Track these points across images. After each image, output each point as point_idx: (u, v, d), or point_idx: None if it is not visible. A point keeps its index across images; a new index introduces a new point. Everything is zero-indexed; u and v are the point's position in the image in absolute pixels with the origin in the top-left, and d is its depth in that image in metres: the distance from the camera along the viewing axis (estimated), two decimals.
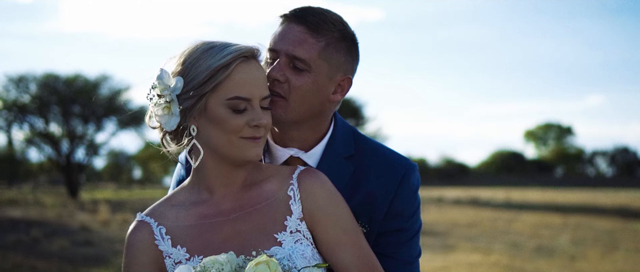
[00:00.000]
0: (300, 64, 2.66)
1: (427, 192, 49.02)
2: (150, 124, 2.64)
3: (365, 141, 2.91)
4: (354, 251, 2.59)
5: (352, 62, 2.79)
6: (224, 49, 2.51)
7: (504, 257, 16.31)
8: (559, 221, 26.20)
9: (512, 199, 41.45)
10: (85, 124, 44.43)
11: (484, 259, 15.90)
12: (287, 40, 2.69)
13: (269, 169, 2.71)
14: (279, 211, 2.60)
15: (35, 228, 21.18)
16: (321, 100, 2.73)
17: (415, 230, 2.86)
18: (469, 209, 32.69)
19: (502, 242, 19.42)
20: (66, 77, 43.64)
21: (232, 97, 2.50)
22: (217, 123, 2.52)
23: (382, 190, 2.78)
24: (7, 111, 42.90)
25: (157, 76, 2.53)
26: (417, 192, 2.87)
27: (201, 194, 2.65)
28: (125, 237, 2.67)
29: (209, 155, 2.59)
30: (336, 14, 2.75)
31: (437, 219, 27.06)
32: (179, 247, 2.58)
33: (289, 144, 2.82)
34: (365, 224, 2.77)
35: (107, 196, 45.20)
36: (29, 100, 42.98)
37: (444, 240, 19.77)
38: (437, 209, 32.95)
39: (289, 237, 2.55)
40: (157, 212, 2.66)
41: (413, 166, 2.85)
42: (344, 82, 2.78)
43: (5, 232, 20.14)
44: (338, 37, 2.71)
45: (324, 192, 2.62)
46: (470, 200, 40.49)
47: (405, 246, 2.82)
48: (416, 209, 2.85)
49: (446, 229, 22.92)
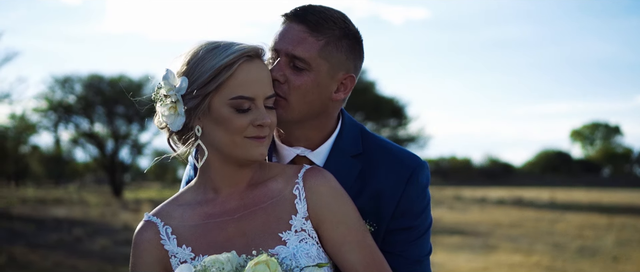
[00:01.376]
0: (300, 63, 2.65)
1: (470, 192, 48.71)
2: (157, 124, 2.65)
3: (373, 139, 2.88)
4: (360, 250, 2.58)
5: (354, 59, 2.76)
6: (228, 49, 2.51)
7: (546, 258, 16.12)
8: (603, 222, 25.80)
9: (556, 199, 40.96)
10: (129, 124, 44.85)
11: (524, 260, 15.72)
12: (286, 39, 2.68)
13: (275, 168, 2.70)
14: (284, 210, 2.59)
15: (77, 227, 21.42)
16: (323, 99, 2.71)
17: (425, 228, 2.83)
18: (513, 210, 32.36)
19: (545, 243, 19.19)
20: (110, 78, 44.08)
21: (236, 96, 2.49)
22: (221, 123, 2.51)
23: (390, 188, 2.76)
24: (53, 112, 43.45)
25: (163, 76, 2.54)
26: (426, 190, 2.84)
27: (207, 193, 2.66)
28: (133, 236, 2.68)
29: (214, 155, 2.59)
30: (338, 12, 2.73)
31: (480, 219, 26.82)
32: (184, 247, 2.59)
33: (295, 144, 2.81)
34: (373, 223, 2.75)
35: (151, 195, 45.52)
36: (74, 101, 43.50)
37: (485, 240, 19.59)
38: (479, 209, 32.69)
39: (293, 237, 2.54)
40: (163, 212, 2.67)
41: (422, 163, 2.82)
42: (346, 80, 2.75)
43: (48, 232, 20.39)
44: (339, 35, 2.69)
45: (329, 191, 2.60)
46: (514, 200, 40.09)
47: (414, 244, 2.79)
48: (425, 207, 2.82)
49: (488, 230, 22.69)
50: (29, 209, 28.64)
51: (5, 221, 22.36)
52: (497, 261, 15.56)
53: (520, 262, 15.38)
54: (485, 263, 15.26)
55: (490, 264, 15.17)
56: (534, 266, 14.89)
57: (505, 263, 15.29)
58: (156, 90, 2.57)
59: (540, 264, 15.16)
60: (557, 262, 15.47)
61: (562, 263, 15.30)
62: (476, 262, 15.31)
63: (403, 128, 55.39)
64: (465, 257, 16.15)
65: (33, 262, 14.66)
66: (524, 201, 39.95)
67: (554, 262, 15.46)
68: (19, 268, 13.92)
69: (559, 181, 75.93)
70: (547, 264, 15.15)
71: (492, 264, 15.09)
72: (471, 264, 15.08)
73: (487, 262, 15.35)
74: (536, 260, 15.74)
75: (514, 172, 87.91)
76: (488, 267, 14.75)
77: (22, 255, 15.60)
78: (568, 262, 15.41)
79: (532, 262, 15.44)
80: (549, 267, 14.65)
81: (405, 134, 55.56)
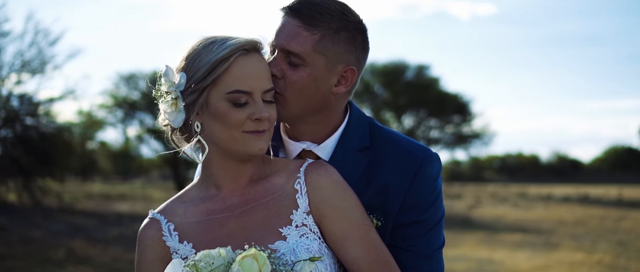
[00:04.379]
0: (295, 58, 2.61)
1: (536, 190, 48.02)
2: (160, 122, 2.65)
3: (382, 132, 2.81)
4: (362, 244, 2.53)
5: (355, 52, 2.69)
6: (224, 43, 2.49)
7: (608, 256, 15.79)
8: None
9: (624, 197, 40.11)
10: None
11: (586, 258, 15.43)
12: (282, 34, 2.64)
13: (278, 163, 2.67)
14: (285, 204, 2.56)
15: (138, 222, 21.57)
16: (322, 93, 2.66)
17: (435, 222, 2.75)
18: (578, 207, 31.82)
19: (608, 241, 18.80)
20: None
21: (232, 90, 2.48)
22: (218, 118, 2.50)
23: (397, 181, 2.69)
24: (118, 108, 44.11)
25: (163, 73, 2.54)
26: (437, 183, 2.75)
27: (209, 190, 2.65)
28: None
29: (214, 151, 2.58)
30: (337, 3, 2.67)
31: (543, 217, 26.43)
32: (186, 243, 2.58)
33: (301, 138, 2.77)
34: (380, 217, 2.68)
35: None
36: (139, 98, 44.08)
37: (547, 238, 19.31)
38: (544, 206, 32.23)
39: (294, 232, 2.51)
40: (168, 209, 2.67)
41: (431, 155, 2.74)
42: (347, 73, 2.69)
43: (109, 226, 20.68)
44: (335, 28, 2.63)
45: (330, 184, 2.56)
46: (580, 197, 39.39)
47: (423, 238, 2.72)
48: (435, 200, 2.74)
49: (551, 227, 22.35)
50: (93, 204, 29.13)
51: (69, 216, 22.76)
52: (558, 259, 15.30)
53: (581, 261, 15.10)
54: (546, 261, 15.02)
55: (551, 262, 14.92)
56: (595, 264, 14.61)
57: (566, 261, 15.03)
58: (157, 87, 2.57)
59: (602, 262, 14.85)
60: (620, 260, 15.15)
61: (625, 261, 14.98)
62: (537, 261, 15.07)
63: (467, 125, 54.91)
64: (526, 255, 15.91)
65: (91, 257, 14.87)
66: (590, 198, 39.23)
67: (617, 260, 15.15)
68: (78, 262, 14.13)
69: (627, 178, 74.47)
70: (610, 262, 14.84)
71: (553, 262, 14.83)
72: (532, 262, 14.84)
73: (548, 261, 15.10)
74: (598, 258, 15.44)
75: (582, 168, 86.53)
76: (549, 265, 14.50)
77: (81, 249, 15.84)
78: (632, 261, 15.09)
79: (594, 260, 15.15)
80: (611, 266, 14.35)
81: (469, 130, 55.09)
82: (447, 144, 55.66)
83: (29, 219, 20.59)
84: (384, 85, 52.85)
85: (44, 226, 19.48)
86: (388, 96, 53.04)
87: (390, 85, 52.33)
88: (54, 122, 27.16)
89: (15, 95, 24.88)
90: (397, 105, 52.86)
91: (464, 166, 72.71)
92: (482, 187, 53.29)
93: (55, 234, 18.04)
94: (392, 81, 52.28)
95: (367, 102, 52.91)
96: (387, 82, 52.37)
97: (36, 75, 24.60)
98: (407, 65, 52.85)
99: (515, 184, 56.37)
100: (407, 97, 52.23)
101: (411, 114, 53.99)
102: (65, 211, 23.92)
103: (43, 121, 26.36)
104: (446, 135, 55.30)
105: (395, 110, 53.45)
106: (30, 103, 25.36)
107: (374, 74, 52.69)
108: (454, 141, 55.42)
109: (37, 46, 24.09)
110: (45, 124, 26.51)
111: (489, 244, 17.65)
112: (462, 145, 56.15)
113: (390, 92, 52.70)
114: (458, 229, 21.31)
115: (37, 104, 25.54)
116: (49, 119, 26.72)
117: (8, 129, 25.25)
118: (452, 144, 55.90)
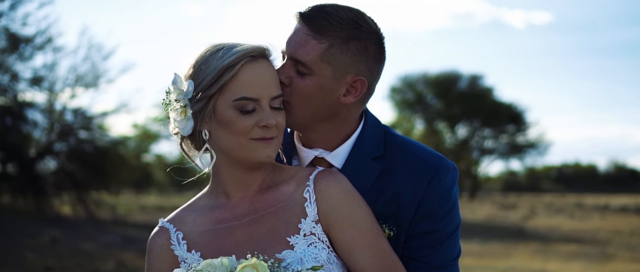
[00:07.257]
0: (302, 67, 2.57)
1: (593, 200, 47.31)
2: (170, 130, 2.63)
3: (397, 140, 2.75)
4: (371, 253, 2.49)
5: (366, 62, 2.62)
6: (231, 49, 2.47)
7: None
8: None
9: None
10: None
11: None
12: (292, 42, 2.60)
13: (288, 171, 2.64)
14: (293, 213, 2.52)
15: None
16: (329, 103, 2.61)
17: (449, 232, 2.67)
18: (635, 217, 31.28)
19: None
20: None
21: (239, 97, 2.45)
22: (226, 125, 2.47)
23: (410, 190, 2.63)
24: None
25: (171, 81, 2.52)
26: (452, 192, 2.68)
27: (219, 198, 2.63)
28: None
29: (223, 159, 2.56)
30: (351, 12, 2.60)
31: (599, 227, 26.02)
32: (194, 252, 2.56)
33: (314, 145, 2.73)
34: (392, 227, 2.62)
35: None
36: None
37: (602, 249, 18.99)
38: (600, 217, 31.71)
39: (302, 241, 2.48)
40: (177, 218, 2.66)
41: (447, 164, 2.68)
42: (356, 83, 2.62)
43: None
44: (345, 37, 2.56)
45: (339, 193, 2.52)
46: (638, 207, 38.69)
47: (438, 249, 2.65)
48: (450, 210, 2.67)
49: (607, 238, 21.99)
50: (147, 216, 29.35)
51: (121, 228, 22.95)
52: (613, 270, 15.07)
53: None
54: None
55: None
56: None
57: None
58: (166, 95, 2.55)
59: None
60: None
61: None
62: (590, 271, 14.77)
63: (522, 134, 54.39)
64: (579, 266, 15.66)
65: (140, 268, 14.96)
66: None
67: None
68: None
69: None
70: None
71: None
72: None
73: (601, 271, 14.79)
74: None
75: None
76: None
77: (130, 260, 15.95)
78: None
79: None
80: None
81: (524, 140, 54.57)
82: (501, 154, 55.27)
83: (81, 231, 20.81)
84: (438, 95, 52.70)
85: (96, 237, 19.67)
86: (441, 106, 52.85)
87: (444, 96, 52.15)
88: (108, 136, 27.47)
89: (69, 110, 25.22)
90: (451, 116, 52.62)
91: (520, 176, 72.04)
92: (538, 197, 52.68)
93: (107, 245, 18.20)
94: (445, 91, 52.11)
95: (420, 112, 52.76)
96: (440, 92, 52.21)
97: (90, 89, 24.92)
98: (460, 75, 52.67)
99: (572, 194, 55.68)
100: (460, 107, 52.00)
101: (465, 124, 53.71)
102: (118, 223, 24.16)
103: (97, 135, 26.67)
104: (500, 145, 54.90)
105: (449, 121, 53.22)
106: (84, 117, 25.69)
107: (427, 84, 52.58)
108: (508, 150, 54.98)
109: (90, 60, 24.40)
110: (99, 137, 26.82)
111: (543, 255, 17.42)
112: (517, 155, 55.66)
113: (444, 103, 52.51)
114: (511, 240, 21.08)
115: (91, 117, 25.86)
116: (102, 132, 27.03)
117: (63, 143, 25.60)
118: (507, 154, 55.47)
